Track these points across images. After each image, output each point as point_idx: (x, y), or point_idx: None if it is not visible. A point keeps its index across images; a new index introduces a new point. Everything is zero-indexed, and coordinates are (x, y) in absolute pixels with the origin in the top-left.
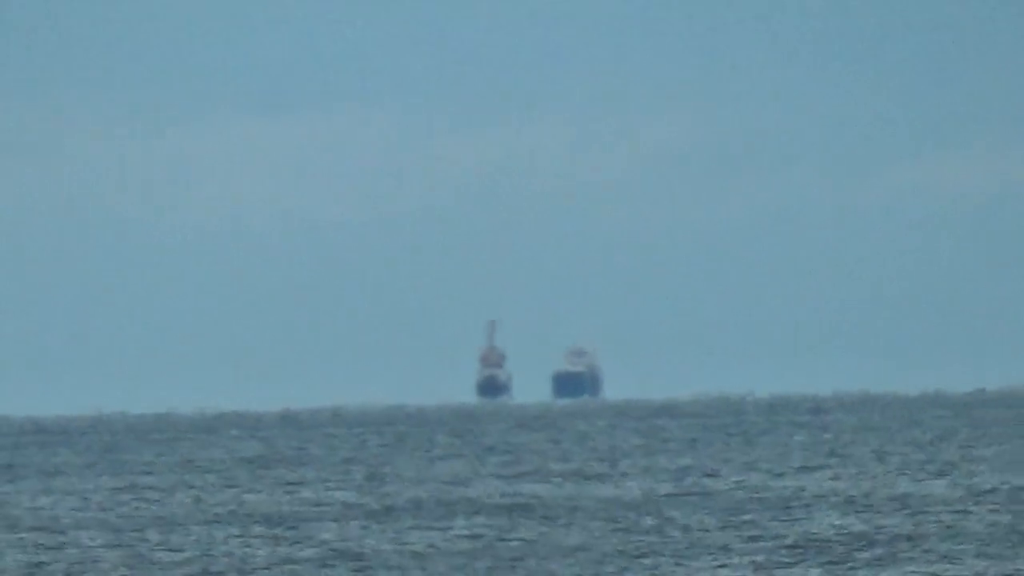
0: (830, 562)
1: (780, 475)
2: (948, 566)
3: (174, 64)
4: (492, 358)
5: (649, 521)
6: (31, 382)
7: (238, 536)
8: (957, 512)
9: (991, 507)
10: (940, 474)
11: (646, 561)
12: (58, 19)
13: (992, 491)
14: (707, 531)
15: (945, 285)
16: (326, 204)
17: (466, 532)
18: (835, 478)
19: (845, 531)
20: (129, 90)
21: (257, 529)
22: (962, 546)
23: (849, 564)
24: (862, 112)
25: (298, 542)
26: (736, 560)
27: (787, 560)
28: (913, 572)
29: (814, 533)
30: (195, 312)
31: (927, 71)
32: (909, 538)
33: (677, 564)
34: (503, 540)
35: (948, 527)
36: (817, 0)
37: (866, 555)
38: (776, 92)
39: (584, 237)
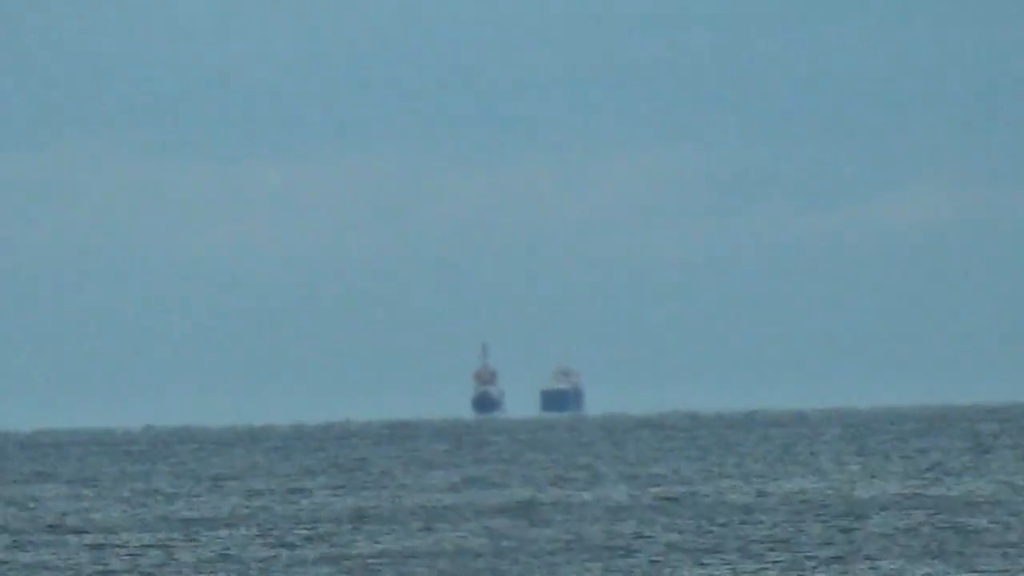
0: (791, 561)
1: (746, 480)
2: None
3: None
4: (485, 376)
5: (632, 524)
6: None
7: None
8: (903, 512)
9: (928, 511)
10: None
11: (630, 560)
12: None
13: (914, 496)
14: (681, 533)
15: (899, 311)
16: (331, 238)
17: (471, 532)
18: (793, 483)
19: (804, 532)
20: (133, 128)
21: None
22: (906, 546)
23: (812, 563)
24: (828, 152)
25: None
26: (709, 560)
27: (753, 560)
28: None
29: (776, 535)
30: (208, 330)
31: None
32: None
33: (653, 563)
34: (505, 539)
35: (900, 529)
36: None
37: (825, 553)
38: (750, 132)
39: (570, 267)
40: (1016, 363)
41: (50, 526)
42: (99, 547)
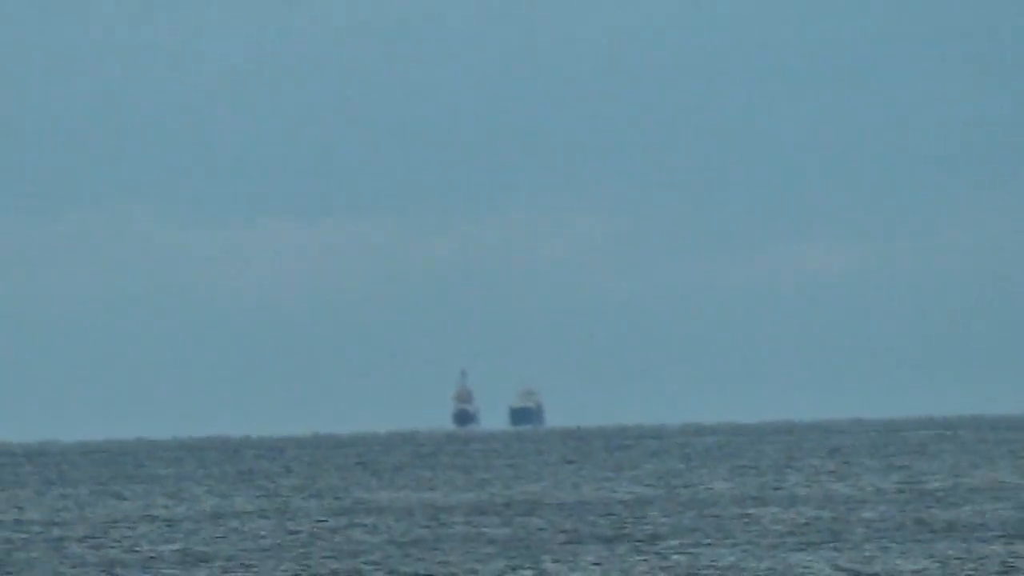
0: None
1: (683, 478)
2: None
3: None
4: (463, 396)
5: (608, 516)
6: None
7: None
8: (852, 508)
9: (878, 503)
10: (838, 478)
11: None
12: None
13: (877, 491)
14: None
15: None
16: (335, 284)
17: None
18: (734, 484)
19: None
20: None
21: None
22: (846, 538)
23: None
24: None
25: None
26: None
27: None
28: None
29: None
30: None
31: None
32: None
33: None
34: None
35: (837, 519)
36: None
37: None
38: (675, 185)
39: (533, 306)
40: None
41: None
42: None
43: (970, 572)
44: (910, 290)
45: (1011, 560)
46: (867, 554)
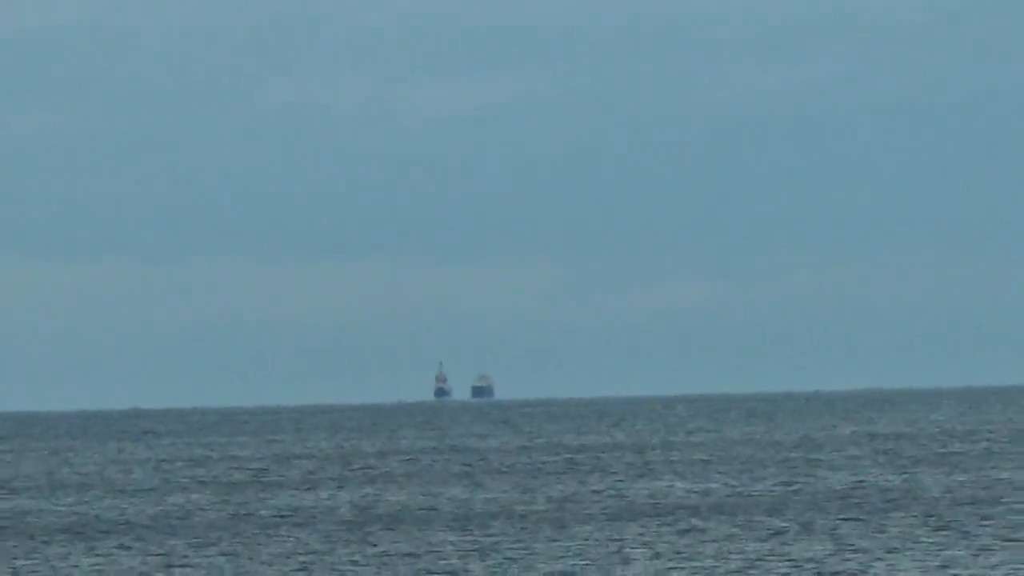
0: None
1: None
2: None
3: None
4: (441, 378)
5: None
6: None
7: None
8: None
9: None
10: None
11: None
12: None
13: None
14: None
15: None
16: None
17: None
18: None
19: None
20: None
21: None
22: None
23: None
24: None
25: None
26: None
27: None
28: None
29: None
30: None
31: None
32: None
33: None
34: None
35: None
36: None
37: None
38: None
39: (491, 325)
40: None
41: None
42: None
43: None
44: None
45: None
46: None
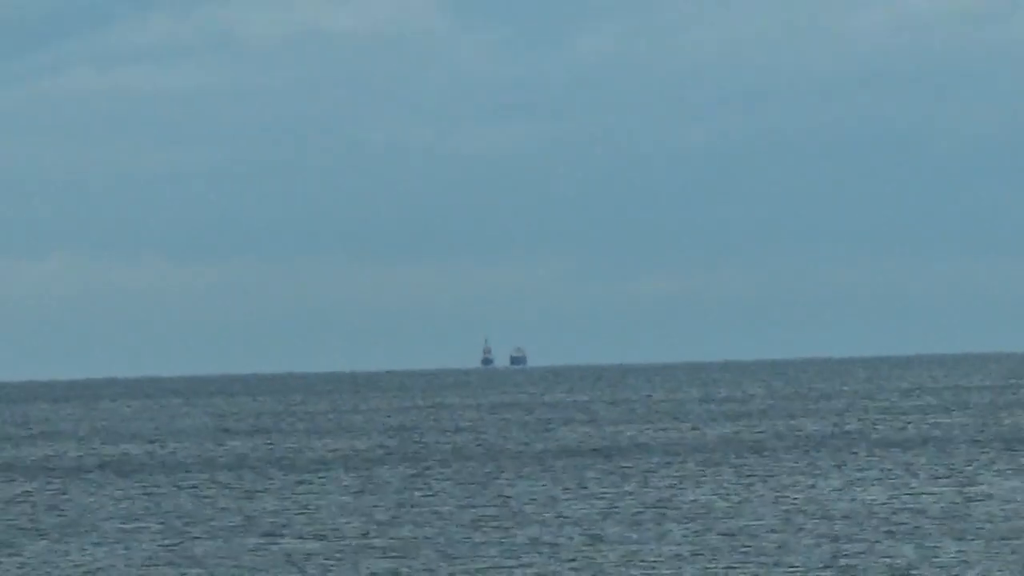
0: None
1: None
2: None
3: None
4: (487, 350)
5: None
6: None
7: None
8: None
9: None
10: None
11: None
12: None
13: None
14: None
15: None
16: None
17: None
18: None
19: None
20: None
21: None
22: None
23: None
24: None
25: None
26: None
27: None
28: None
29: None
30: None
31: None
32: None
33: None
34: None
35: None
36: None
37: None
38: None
39: (519, 312)
40: None
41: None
42: None
43: None
44: None
45: None
46: None
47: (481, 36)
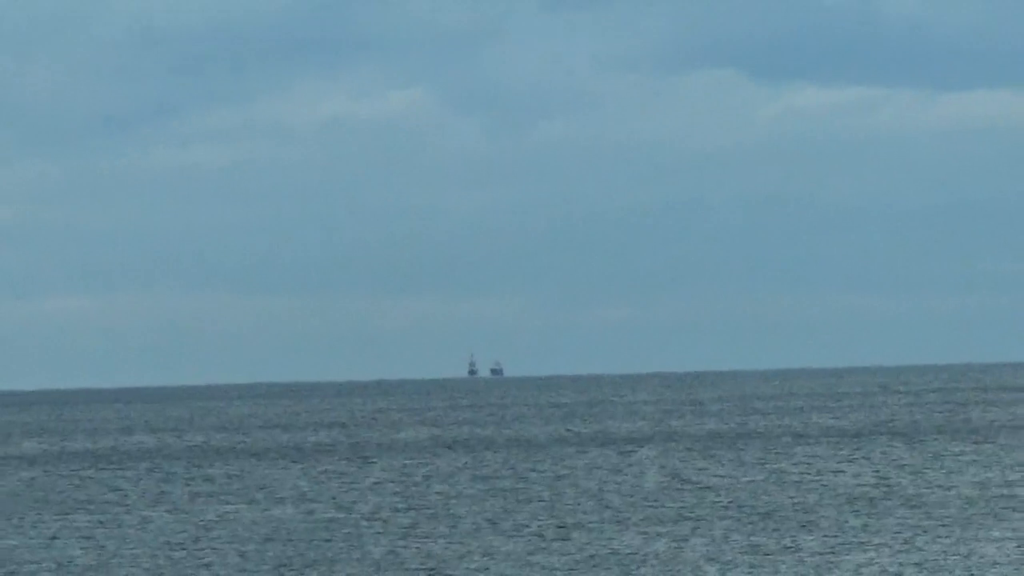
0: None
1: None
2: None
3: None
4: (472, 363)
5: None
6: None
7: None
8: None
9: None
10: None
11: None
12: None
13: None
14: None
15: None
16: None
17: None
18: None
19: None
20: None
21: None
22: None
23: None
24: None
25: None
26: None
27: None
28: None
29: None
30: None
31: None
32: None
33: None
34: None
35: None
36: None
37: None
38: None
39: (502, 328)
40: None
41: None
42: None
43: None
44: None
45: None
46: None
47: (466, 121)
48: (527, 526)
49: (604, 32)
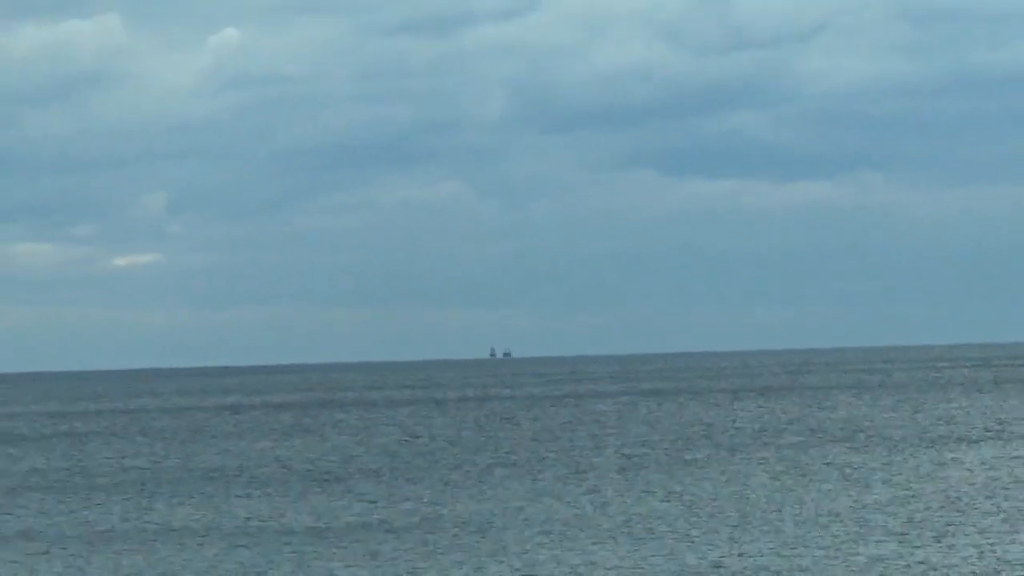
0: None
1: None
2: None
3: None
4: (493, 350)
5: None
6: None
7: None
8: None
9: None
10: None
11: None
12: None
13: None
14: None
15: None
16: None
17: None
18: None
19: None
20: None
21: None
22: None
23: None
24: None
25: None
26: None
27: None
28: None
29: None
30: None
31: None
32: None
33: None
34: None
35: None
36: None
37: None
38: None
39: (514, 324)
40: None
41: None
42: None
43: None
44: None
45: None
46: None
47: (487, 205)
48: (534, 456)
49: None
